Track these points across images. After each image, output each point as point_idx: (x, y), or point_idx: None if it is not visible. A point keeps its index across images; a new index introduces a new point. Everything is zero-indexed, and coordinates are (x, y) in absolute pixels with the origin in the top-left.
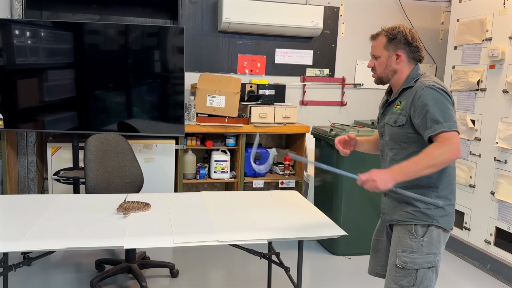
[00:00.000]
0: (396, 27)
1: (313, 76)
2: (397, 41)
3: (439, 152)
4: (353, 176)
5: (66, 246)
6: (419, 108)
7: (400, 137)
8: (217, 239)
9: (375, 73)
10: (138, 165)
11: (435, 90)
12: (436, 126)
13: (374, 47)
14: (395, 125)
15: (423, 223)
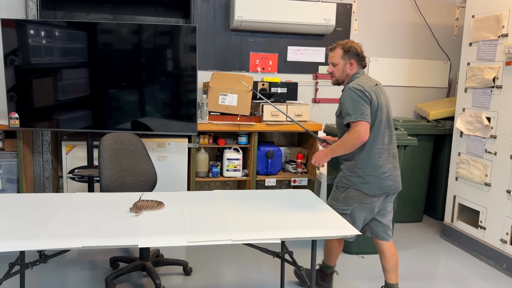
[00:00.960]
0: (349, 42)
1: (325, 73)
2: (350, 52)
3: (348, 138)
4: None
5: (82, 245)
6: (342, 103)
7: (339, 125)
8: (230, 238)
9: (334, 76)
10: (152, 163)
11: (352, 90)
12: (348, 117)
13: (333, 57)
14: (335, 115)
15: (343, 185)
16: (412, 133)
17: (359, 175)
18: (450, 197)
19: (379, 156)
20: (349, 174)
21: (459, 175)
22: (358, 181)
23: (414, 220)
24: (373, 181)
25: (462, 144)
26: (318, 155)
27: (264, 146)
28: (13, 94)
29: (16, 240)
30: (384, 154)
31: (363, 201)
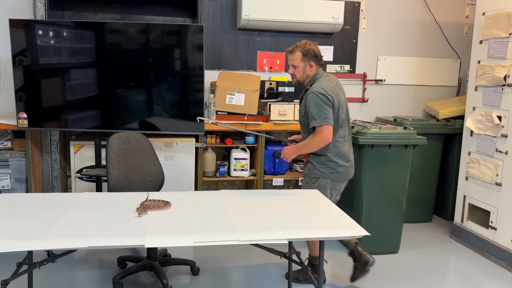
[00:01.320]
0: (307, 44)
1: (333, 72)
2: (309, 55)
3: (314, 141)
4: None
5: (88, 245)
6: (307, 107)
7: (303, 123)
8: (237, 239)
9: (295, 77)
10: (159, 163)
11: (316, 94)
12: (313, 121)
13: (293, 59)
14: (300, 114)
15: (314, 176)
16: (422, 132)
17: (330, 166)
18: (460, 197)
19: (344, 147)
20: (320, 166)
21: (470, 174)
22: (329, 171)
23: (423, 220)
24: (342, 170)
25: (472, 143)
26: (286, 152)
27: (272, 145)
28: (22, 94)
29: (23, 240)
30: (347, 144)
31: (334, 188)
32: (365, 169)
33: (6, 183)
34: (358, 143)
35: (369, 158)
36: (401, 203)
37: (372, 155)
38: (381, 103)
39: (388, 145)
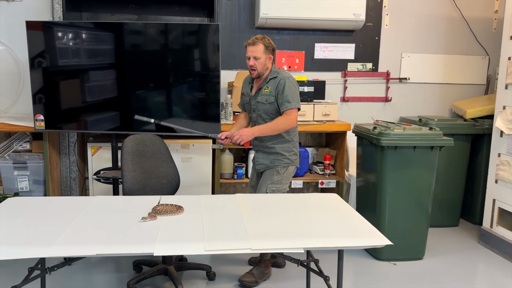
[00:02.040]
0: (265, 37)
1: (355, 71)
2: (270, 47)
3: (281, 122)
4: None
5: (96, 253)
6: (281, 91)
7: (270, 111)
8: (250, 247)
9: (256, 70)
10: (175, 165)
11: (290, 80)
12: (287, 104)
13: (256, 51)
14: (266, 102)
15: (284, 165)
16: (448, 132)
17: (295, 152)
18: (489, 200)
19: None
20: (288, 154)
21: (499, 177)
22: (295, 157)
23: (450, 225)
24: (298, 154)
25: (502, 145)
26: (243, 133)
27: None
28: (40, 96)
29: (29, 246)
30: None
31: (294, 173)
32: (388, 172)
33: (25, 185)
34: (380, 145)
35: (392, 160)
36: (427, 207)
37: (395, 157)
38: (405, 103)
39: (413, 147)
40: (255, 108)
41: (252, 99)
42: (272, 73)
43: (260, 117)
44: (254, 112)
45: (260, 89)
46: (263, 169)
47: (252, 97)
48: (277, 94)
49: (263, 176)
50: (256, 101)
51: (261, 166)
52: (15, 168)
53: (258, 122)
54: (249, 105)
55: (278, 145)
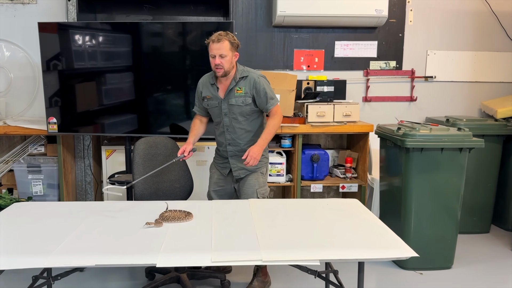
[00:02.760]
0: (229, 33)
1: (377, 69)
2: (235, 44)
3: (275, 122)
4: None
5: (95, 263)
6: (260, 90)
7: (247, 112)
8: (260, 258)
9: (222, 68)
10: (188, 168)
11: (264, 78)
12: (272, 101)
13: (221, 49)
14: (243, 104)
15: (264, 164)
16: (478, 133)
17: (267, 149)
18: None
19: None
20: (265, 153)
21: None
22: (268, 154)
23: (480, 231)
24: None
25: None
26: (255, 153)
27: (309, 149)
28: (52, 99)
29: (25, 255)
30: None
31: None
32: (413, 176)
33: (39, 189)
34: (405, 146)
35: (418, 163)
36: (455, 212)
37: (421, 159)
38: (431, 102)
39: (440, 148)
40: (227, 111)
41: (223, 103)
42: (240, 71)
43: (235, 120)
44: (226, 116)
45: (231, 91)
46: (244, 174)
47: (222, 100)
48: (255, 94)
49: (247, 182)
50: (229, 104)
51: (241, 171)
52: (30, 172)
53: (231, 126)
54: (217, 109)
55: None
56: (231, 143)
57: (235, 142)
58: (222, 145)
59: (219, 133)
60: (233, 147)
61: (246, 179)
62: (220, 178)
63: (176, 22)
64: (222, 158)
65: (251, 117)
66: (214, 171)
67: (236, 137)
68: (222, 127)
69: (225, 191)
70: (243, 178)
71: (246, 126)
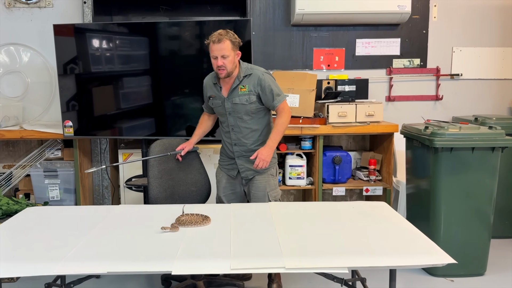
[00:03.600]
0: (229, 32)
1: (401, 67)
2: (237, 43)
3: (285, 120)
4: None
5: (107, 271)
6: (266, 87)
7: (252, 110)
8: (283, 266)
9: (225, 69)
10: (205, 172)
11: (269, 74)
12: (278, 98)
13: (223, 49)
14: (247, 103)
15: (273, 165)
16: (510, 133)
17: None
18: None
19: None
20: (274, 154)
21: None
22: (276, 155)
23: None
24: None
25: None
26: (263, 155)
27: (331, 151)
28: (70, 103)
29: (36, 262)
30: None
31: None
32: (443, 177)
33: (56, 194)
34: (434, 146)
35: (447, 163)
36: (488, 216)
37: (451, 160)
38: (458, 101)
39: (471, 148)
40: (232, 111)
41: (226, 102)
42: (244, 69)
43: (239, 119)
44: (230, 116)
45: (235, 89)
46: (252, 175)
47: (225, 99)
48: (260, 92)
49: (256, 184)
50: (233, 103)
51: (249, 172)
52: (46, 177)
53: (237, 125)
54: (221, 108)
55: (262, 146)
56: (237, 143)
57: (241, 142)
58: (228, 145)
59: (224, 133)
60: (240, 147)
61: (255, 181)
62: (228, 182)
63: (194, 21)
64: (228, 159)
65: (257, 115)
66: (222, 175)
67: (242, 136)
68: (227, 126)
69: (235, 195)
70: (252, 180)
71: (252, 125)
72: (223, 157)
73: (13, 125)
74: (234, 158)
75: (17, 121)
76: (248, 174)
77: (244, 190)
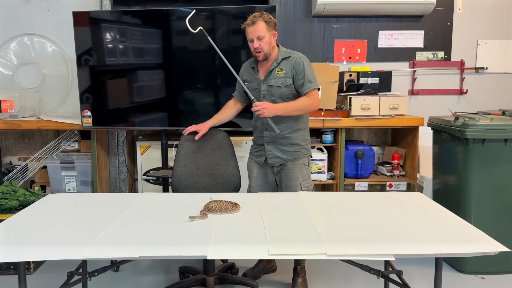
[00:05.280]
0: (263, 13)
1: (424, 60)
2: (272, 23)
3: (308, 103)
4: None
5: (139, 254)
6: (300, 71)
7: (286, 94)
8: (325, 252)
9: (262, 51)
10: (236, 164)
11: (307, 59)
12: (310, 84)
13: (258, 31)
14: (283, 85)
15: (306, 156)
16: None
17: (309, 141)
18: None
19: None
20: (305, 143)
21: None
22: (309, 146)
23: None
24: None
25: None
26: (266, 105)
27: (353, 145)
28: (87, 94)
29: (61, 246)
30: None
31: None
32: (474, 170)
33: (72, 186)
34: (465, 137)
35: (479, 156)
36: None
37: (483, 153)
38: (483, 95)
39: (504, 140)
40: (266, 93)
41: (262, 84)
42: (282, 52)
43: (273, 103)
44: (264, 99)
45: (271, 72)
46: (279, 163)
47: (261, 81)
48: (294, 75)
49: (289, 173)
50: (268, 86)
51: (276, 160)
52: (63, 169)
53: None
54: (256, 91)
55: (294, 134)
56: (268, 128)
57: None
58: (259, 130)
59: (255, 118)
60: (270, 132)
61: (288, 171)
62: (260, 171)
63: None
64: (257, 146)
65: (290, 100)
66: (253, 164)
67: (274, 121)
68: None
69: (267, 184)
70: (284, 169)
71: None
72: (253, 145)
73: (29, 116)
74: (263, 144)
75: (33, 112)
76: (275, 162)
77: (276, 180)
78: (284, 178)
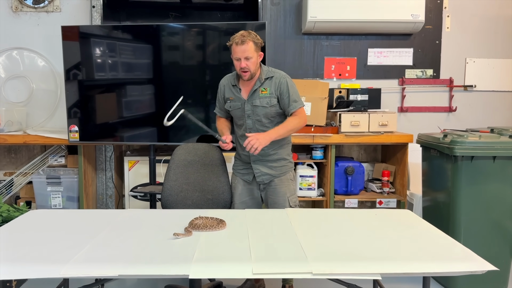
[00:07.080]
0: (251, 32)
1: (413, 78)
2: (259, 44)
3: (296, 122)
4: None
5: (118, 273)
6: (285, 91)
7: (271, 113)
8: (310, 271)
9: (249, 71)
10: (227, 180)
11: (289, 79)
12: (295, 104)
13: (247, 51)
14: (268, 105)
15: (290, 169)
16: None
17: (291, 154)
18: None
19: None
20: (290, 157)
21: None
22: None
23: None
24: None
25: None
26: (260, 137)
27: (343, 161)
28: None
29: (41, 263)
30: None
31: None
32: (462, 187)
33: (58, 202)
34: (454, 155)
35: (468, 173)
36: (509, 229)
37: (471, 169)
38: (472, 113)
39: (492, 157)
40: (251, 113)
41: (246, 104)
42: (265, 72)
43: (259, 123)
44: (249, 118)
45: (255, 91)
46: (268, 180)
47: (245, 101)
48: (279, 95)
49: (276, 189)
50: (253, 105)
51: (265, 177)
52: (49, 184)
53: (255, 128)
54: (240, 111)
55: (280, 150)
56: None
57: None
58: (245, 149)
59: (240, 136)
60: None
61: (275, 187)
62: (245, 187)
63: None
64: (243, 164)
65: (276, 119)
66: (237, 181)
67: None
68: (244, 129)
69: (252, 200)
70: (271, 185)
71: (271, 127)
72: (238, 162)
73: (16, 130)
74: (249, 163)
75: (20, 126)
76: (264, 179)
77: (261, 196)
78: (271, 195)
